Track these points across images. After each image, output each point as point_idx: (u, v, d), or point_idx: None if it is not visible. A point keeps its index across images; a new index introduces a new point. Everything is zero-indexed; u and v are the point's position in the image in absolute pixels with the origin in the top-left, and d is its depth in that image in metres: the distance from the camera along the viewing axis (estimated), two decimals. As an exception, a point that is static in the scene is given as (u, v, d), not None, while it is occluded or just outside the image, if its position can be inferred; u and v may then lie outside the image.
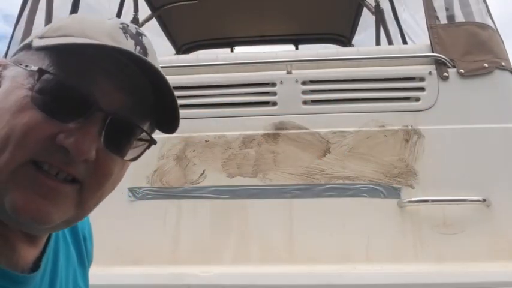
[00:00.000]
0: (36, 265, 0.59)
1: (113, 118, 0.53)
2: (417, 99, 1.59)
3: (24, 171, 0.50)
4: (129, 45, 0.55)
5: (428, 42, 1.68)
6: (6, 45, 1.88)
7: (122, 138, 0.55)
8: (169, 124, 0.62)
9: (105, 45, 0.51)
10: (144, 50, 0.57)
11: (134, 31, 0.58)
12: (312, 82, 1.64)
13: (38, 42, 0.53)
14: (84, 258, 0.76)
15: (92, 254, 0.82)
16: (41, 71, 0.51)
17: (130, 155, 0.58)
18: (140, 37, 0.58)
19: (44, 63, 0.52)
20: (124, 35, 0.55)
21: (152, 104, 0.58)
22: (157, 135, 1.86)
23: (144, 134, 0.58)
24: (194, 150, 1.57)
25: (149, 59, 0.55)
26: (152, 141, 0.60)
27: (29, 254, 0.58)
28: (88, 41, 0.51)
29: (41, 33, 0.56)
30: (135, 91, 0.55)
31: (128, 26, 0.58)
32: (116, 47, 0.51)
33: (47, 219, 0.51)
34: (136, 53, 0.53)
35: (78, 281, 0.72)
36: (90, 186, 0.54)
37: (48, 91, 0.51)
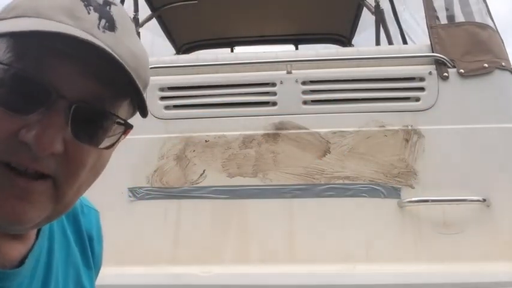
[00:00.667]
0: (23, 262, 0.56)
1: (77, 106, 0.48)
2: (417, 99, 1.59)
3: None
4: (91, 19, 0.49)
5: (428, 42, 1.68)
6: None
7: (92, 126, 0.51)
8: (141, 107, 0.56)
9: (36, 30, 0.44)
10: (111, 23, 0.50)
11: (101, 1, 0.51)
12: (312, 82, 1.64)
13: None
14: (89, 259, 0.72)
15: (101, 258, 0.77)
16: None
17: (106, 142, 0.53)
18: (108, 7, 0.51)
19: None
20: (86, 8, 0.49)
21: (126, 83, 0.51)
22: (158, 135, 1.85)
23: (119, 119, 0.53)
24: (194, 150, 1.57)
25: (117, 34, 0.50)
26: (127, 126, 0.54)
27: (12, 250, 0.55)
28: (24, 27, 0.45)
29: None
30: (101, 74, 0.49)
31: None
32: (48, 31, 0.45)
33: (24, 219, 0.48)
34: (80, 36, 0.46)
35: (83, 282, 0.69)
36: (65, 180, 0.50)
37: (4, 83, 0.46)
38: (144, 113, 0.56)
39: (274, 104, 1.63)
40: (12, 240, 0.55)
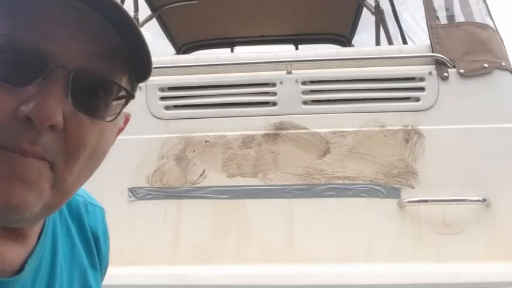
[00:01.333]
0: (24, 267, 0.52)
1: (77, 74, 0.44)
2: (417, 99, 1.59)
3: None
4: None
5: (428, 42, 1.68)
6: None
7: (93, 97, 0.47)
8: (142, 71, 0.52)
9: None
10: None
11: None
12: (312, 82, 1.64)
13: None
14: (95, 259, 0.69)
15: (108, 257, 0.74)
16: None
17: (108, 115, 0.49)
18: None
19: None
20: None
21: (124, 53, 0.48)
22: (157, 135, 1.85)
23: (120, 89, 0.50)
24: (194, 150, 1.57)
25: None
26: (130, 96, 0.51)
27: (12, 254, 0.51)
28: None
29: None
30: (99, 40, 0.46)
31: None
32: None
33: (22, 202, 0.43)
34: None
35: (90, 283, 0.66)
36: (64, 163, 0.46)
37: None
38: (145, 75, 0.52)
39: (274, 104, 1.63)
40: (13, 243, 0.52)
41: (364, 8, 3.03)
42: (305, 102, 1.62)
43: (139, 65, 0.51)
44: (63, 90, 0.44)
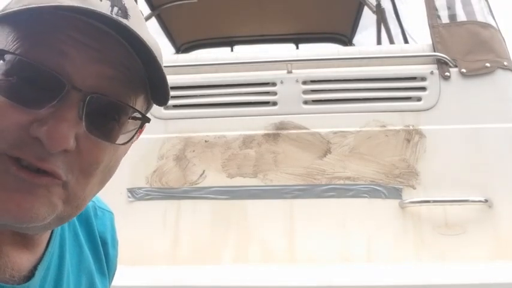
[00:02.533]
0: (33, 273, 0.52)
1: (92, 97, 0.44)
2: (419, 99, 1.58)
3: None
4: (103, 6, 0.45)
5: (430, 42, 1.67)
6: None
7: (107, 120, 0.47)
8: (160, 97, 0.53)
9: (61, 5, 0.41)
10: (124, 11, 0.46)
11: None
12: (313, 82, 1.63)
13: None
14: (103, 265, 0.68)
15: (116, 262, 0.72)
16: (1, 52, 0.42)
17: (122, 139, 0.49)
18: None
19: (7, 40, 0.44)
20: None
21: (142, 76, 0.49)
22: (157, 135, 1.84)
23: (135, 112, 0.49)
24: (194, 151, 1.56)
25: (130, 22, 0.46)
26: (145, 120, 0.50)
27: (21, 259, 0.51)
28: (44, 4, 0.41)
29: (4, 6, 0.46)
30: (117, 62, 0.46)
31: None
32: (75, 6, 0.41)
33: (31, 215, 0.43)
34: (109, 14, 0.43)
35: (97, 286, 0.65)
36: (76, 181, 0.46)
37: (13, 74, 0.42)
38: (164, 99, 0.53)
39: (274, 103, 1.62)
40: (22, 249, 0.51)
41: (365, 7, 3.02)
42: (306, 102, 1.61)
43: (156, 89, 0.51)
44: (77, 114, 0.44)
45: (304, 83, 1.62)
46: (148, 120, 0.51)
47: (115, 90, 0.46)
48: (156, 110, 1.63)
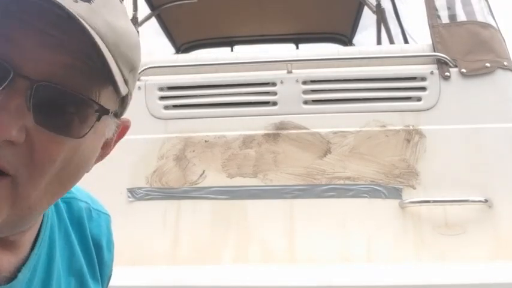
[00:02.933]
0: (16, 275, 0.49)
1: (40, 85, 0.40)
2: (419, 99, 1.58)
3: None
4: None
5: (430, 42, 1.67)
6: None
7: (63, 112, 0.42)
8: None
9: None
10: None
11: None
12: (313, 82, 1.63)
13: None
14: (95, 269, 0.65)
15: (111, 266, 0.69)
16: None
17: (79, 130, 0.44)
18: None
19: None
20: None
21: (102, 65, 0.43)
22: (157, 135, 1.84)
23: (93, 103, 0.44)
24: (194, 151, 1.56)
25: (94, 4, 0.42)
26: (102, 111, 0.45)
27: (3, 261, 0.48)
28: None
29: None
30: (77, 50, 0.41)
31: None
32: None
33: None
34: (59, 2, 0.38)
35: None
36: (28, 178, 0.42)
37: None
38: (120, 96, 0.47)
39: (274, 103, 1.62)
40: (1, 251, 0.49)
41: (365, 7, 3.02)
42: (306, 102, 1.61)
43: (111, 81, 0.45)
44: (24, 103, 0.40)
45: (304, 83, 1.62)
46: (106, 111, 0.45)
47: (72, 80, 0.42)
48: (156, 110, 1.62)
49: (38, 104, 0.40)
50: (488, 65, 1.57)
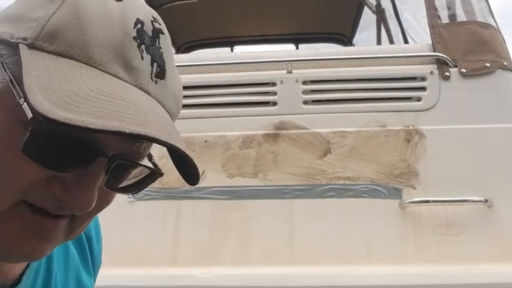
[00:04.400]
0: (20, 279, 0.52)
1: (120, 163, 0.43)
2: (418, 99, 1.58)
3: (16, 212, 0.41)
4: (145, 68, 0.43)
5: (430, 42, 1.67)
6: None
7: (124, 177, 0.47)
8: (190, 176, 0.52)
9: (120, 131, 0.37)
10: (162, 68, 0.45)
11: (150, 32, 0.44)
12: (313, 82, 1.63)
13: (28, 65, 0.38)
14: (88, 262, 0.68)
15: (100, 257, 0.73)
16: (34, 121, 0.36)
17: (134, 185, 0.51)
18: (157, 41, 0.45)
19: None
20: (139, 50, 0.42)
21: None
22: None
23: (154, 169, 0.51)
24: (194, 151, 1.56)
25: (167, 77, 0.47)
26: (158, 174, 0.52)
27: (15, 268, 0.52)
28: (97, 122, 0.36)
29: (30, 33, 0.40)
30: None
31: (142, 24, 0.44)
32: (129, 132, 0.37)
33: (41, 255, 0.45)
34: (160, 139, 0.41)
35: (84, 283, 0.66)
36: (84, 217, 0.46)
37: (41, 139, 0.39)
38: (193, 180, 0.52)
39: (274, 103, 1.62)
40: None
41: (365, 7, 3.02)
42: (305, 102, 1.61)
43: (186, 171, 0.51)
44: (102, 175, 0.44)
45: (304, 83, 1.62)
46: (161, 174, 0.53)
47: (141, 153, 0.48)
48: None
49: (112, 175, 0.44)
50: (488, 65, 1.57)
